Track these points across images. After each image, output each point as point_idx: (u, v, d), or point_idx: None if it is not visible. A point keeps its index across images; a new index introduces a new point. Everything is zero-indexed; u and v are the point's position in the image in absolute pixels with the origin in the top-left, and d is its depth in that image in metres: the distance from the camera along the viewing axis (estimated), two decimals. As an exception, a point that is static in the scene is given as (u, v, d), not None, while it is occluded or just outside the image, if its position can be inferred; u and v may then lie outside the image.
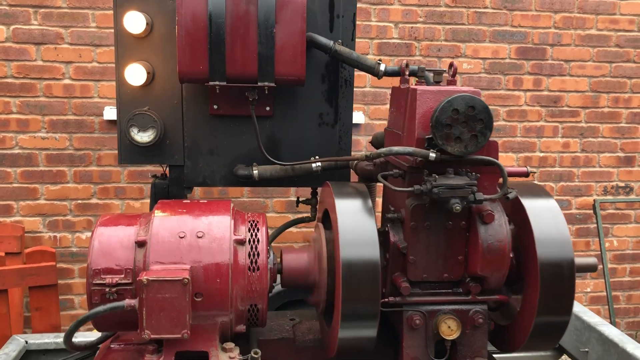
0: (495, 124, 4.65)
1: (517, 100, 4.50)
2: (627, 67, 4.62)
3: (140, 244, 2.30)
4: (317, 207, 2.88)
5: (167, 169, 3.11)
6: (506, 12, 4.41)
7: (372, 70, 2.80)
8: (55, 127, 4.05)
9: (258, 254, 2.37)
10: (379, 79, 2.85)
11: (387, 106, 4.40)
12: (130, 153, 2.87)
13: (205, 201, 2.54)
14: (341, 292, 2.25)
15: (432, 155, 2.22)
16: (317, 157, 2.94)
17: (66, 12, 3.95)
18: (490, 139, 2.27)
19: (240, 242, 2.36)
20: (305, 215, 3.32)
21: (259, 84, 2.64)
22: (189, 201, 2.53)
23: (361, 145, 4.45)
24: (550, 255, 2.35)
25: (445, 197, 2.19)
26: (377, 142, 3.00)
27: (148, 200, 4.22)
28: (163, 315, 2.14)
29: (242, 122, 2.93)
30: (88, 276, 2.27)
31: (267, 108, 2.91)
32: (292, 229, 4.09)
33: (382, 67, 2.80)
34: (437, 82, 2.47)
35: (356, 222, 2.35)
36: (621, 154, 4.71)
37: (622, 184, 4.76)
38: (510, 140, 4.61)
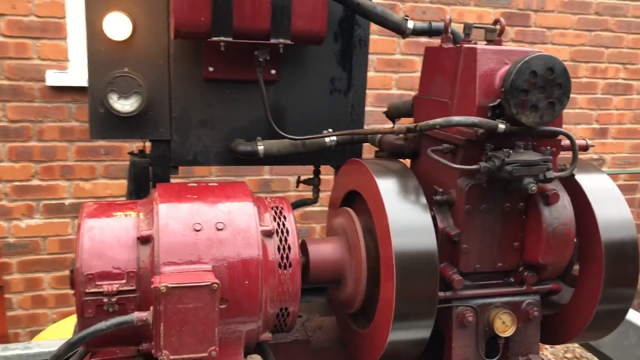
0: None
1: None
2: (605, 36, 4.51)
3: (145, 240, 1.83)
4: (334, 188, 2.48)
5: (148, 144, 2.58)
6: (492, -26, 4.15)
7: (399, 28, 2.42)
8: (-16, 94, 3.36)
9: (289, 248, 1.96)
10: (403, 38, 2.46)
11: (376, 74, 4.02)
12: (105, 125, 2.33)
13: (216, 184, 2.08)
14: (394, 288, 1.89)
15: (502, 126, 1.89)
16: (330, 129, 2.53)
17: (-5, -48, 3.24)
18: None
19: (268, 234, 1.94)
20: (307, 197, 2.91)
21: (272, 40, 2.18)
22: (195, 184, 2.06)
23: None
24: (614, 237, 2.12)
25: (519, 175, 1.87)
26: (396, 113, 2.63)
27: (101, 181, 3.64)
28: (186, 331, 1.70)
29: (241, 88, 2.46)
30: (78, 283, 1.77)
31: (273, 71, 2.45)
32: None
33: (410, 25, 2.42)
34: (490, 42, 2.12)
35: (406, 206, 2.00)
36: (596, 126, 4.63)
37: (596, 156, 4.69)
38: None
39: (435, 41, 2.34)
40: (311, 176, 2.83)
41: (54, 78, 3.38)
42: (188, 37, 2.20)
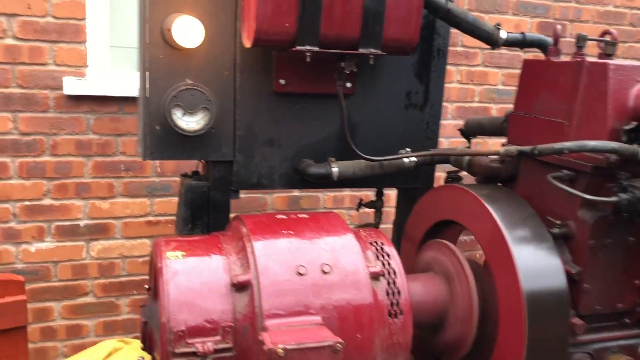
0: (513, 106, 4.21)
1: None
2: (638, 47, 4.38)
3: (241, 287, 1.55)
4: (414, 217, 2.22)
5: (202, 165, 2.29)
6: (530, -18, 3.97)
7: (491, 38, 2.19)
8: (-7, 103, 2.99)
9: (399, 292, 1.70)
10: (494, 48, 2.23)
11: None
12: (162, 144, 2.02)
13: (307, 215, 1.80)
14: (525, 333, 1.65)
15: (645, 153, 1.66)
16: (408, 149, 2.27)
17: (7, -56, 2.88)
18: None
19: (376, 277, 1.68)
20: (368, 222, 2.64)
21: (361, 50, 1.92)
22: (284, 216, 1.77)
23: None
24: None
25: (664, 208, 1.66)
26: (478, 130, 2.39)
27: (119, 200, 3.30)
28: (303, 400, 1.41)
29: (312, 103, 2.19)
30: (165, 342, 1.46)
31: (349, 84, 2.19)
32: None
33: (503, 35, 2.19)
34: (609, 56, 1.90)
35: (529, 240, 1.77)
36: (626, 140, 4.49)
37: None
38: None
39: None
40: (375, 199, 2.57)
41: (72, 86, 3.03)
42: (267, 46, 1.92)
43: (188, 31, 1.83)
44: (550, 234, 1.83)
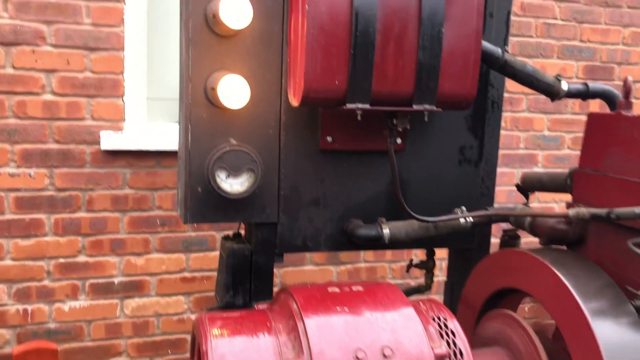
0: (560, 152, 4.06)
1: (583, 126, 3.91)
2: (690, 90, 4.20)
3: (294, 374, 1.39)
4: (473, 282, 2.06)
5: (243, 226, 2.17)
6: (575, 25, 3.83)
7: (551, 90, 2.05)
8: (30, 159, 2.94)
9: (467, 376, 1.52)
10: (553, 100, 2.09)
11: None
12: (203, 207, 1.92)
13: (362, 288, 1.65)
14: None
15: None
16: (463, 207, 2.12)
17: (50, 1, 2.88)
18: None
19: (441, 359, 1.51)
20: (419, 283, 2.48)
21: (415, 107, 1.80)
22: (337, 289, 1.63)
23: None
24: None
25: None
26: (537, 186, 2.23)
27: (155, 255, 3.20)
28: None
29: (359, 160, 2.07)
30: None
31: (399, 140, 2.07)
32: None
33: (564, 86, 2.05)
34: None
35: (611, 315, 1.59)
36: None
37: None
38: (562, 170, 4.02)
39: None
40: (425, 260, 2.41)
41: (109, 140, 2.98)
42: (316, 104, 1.81)
43: (234, 90, 1.74)
44: (633, 306, 1.66)
